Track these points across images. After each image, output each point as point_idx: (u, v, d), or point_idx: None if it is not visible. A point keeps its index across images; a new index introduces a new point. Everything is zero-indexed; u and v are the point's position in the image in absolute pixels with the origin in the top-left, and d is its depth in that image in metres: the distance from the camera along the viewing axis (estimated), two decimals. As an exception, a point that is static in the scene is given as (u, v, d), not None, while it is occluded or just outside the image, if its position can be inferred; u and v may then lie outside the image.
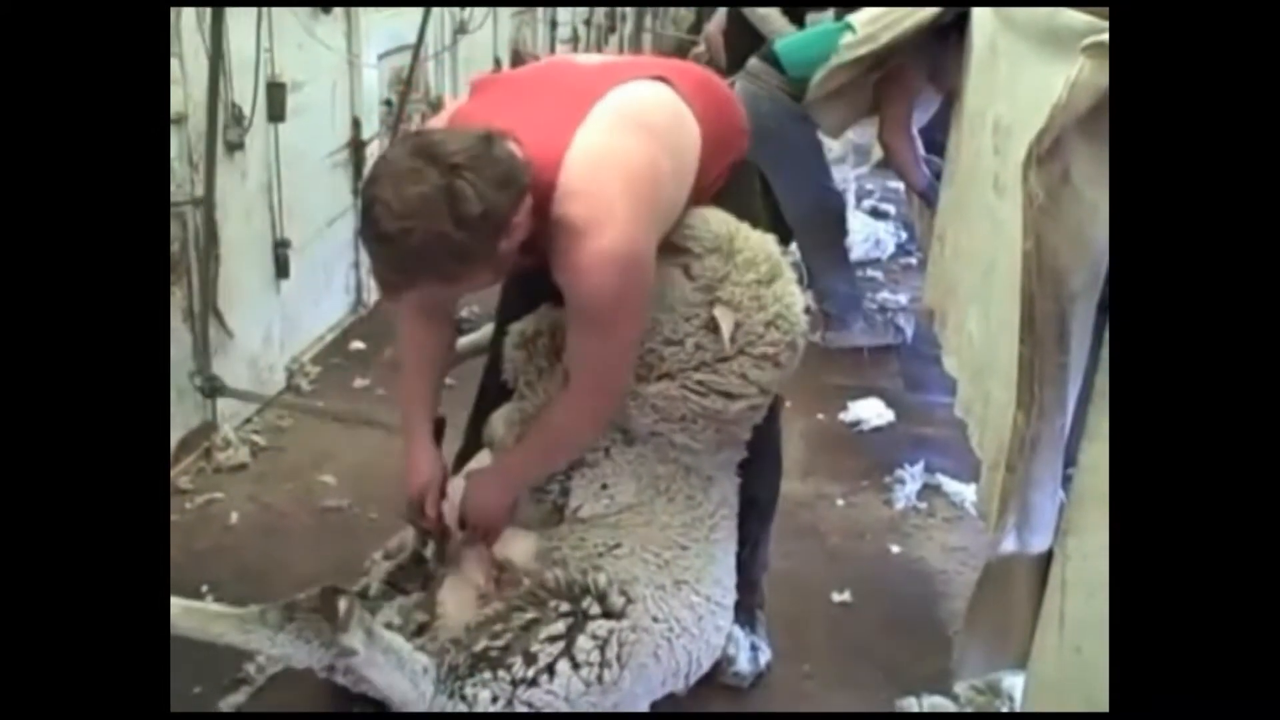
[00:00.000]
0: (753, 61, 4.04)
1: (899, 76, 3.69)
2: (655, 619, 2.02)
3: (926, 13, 3.34)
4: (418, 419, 2.16)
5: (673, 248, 2.02)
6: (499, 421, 2.25)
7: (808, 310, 2.14)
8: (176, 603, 1.94)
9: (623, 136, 1.83)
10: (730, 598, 2.20)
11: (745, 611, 2.38)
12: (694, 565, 2.10)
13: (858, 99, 3.82)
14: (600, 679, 1.93)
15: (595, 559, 2.04)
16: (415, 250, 1.65)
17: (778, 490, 2.45)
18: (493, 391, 2.30)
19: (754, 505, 2.30)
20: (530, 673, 1.89)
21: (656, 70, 2.00)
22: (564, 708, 1.92)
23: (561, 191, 1.76)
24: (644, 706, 2.09)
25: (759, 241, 2.08)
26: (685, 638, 2.06)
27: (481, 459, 2.28)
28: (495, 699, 1.89)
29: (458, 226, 1.64)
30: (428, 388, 2.17)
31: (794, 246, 4.37)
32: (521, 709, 1.91)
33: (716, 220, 2.06)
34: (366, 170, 3.26)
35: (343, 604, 1.87)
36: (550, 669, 1.90)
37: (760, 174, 2.34)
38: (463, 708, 1.90)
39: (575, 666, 1.91)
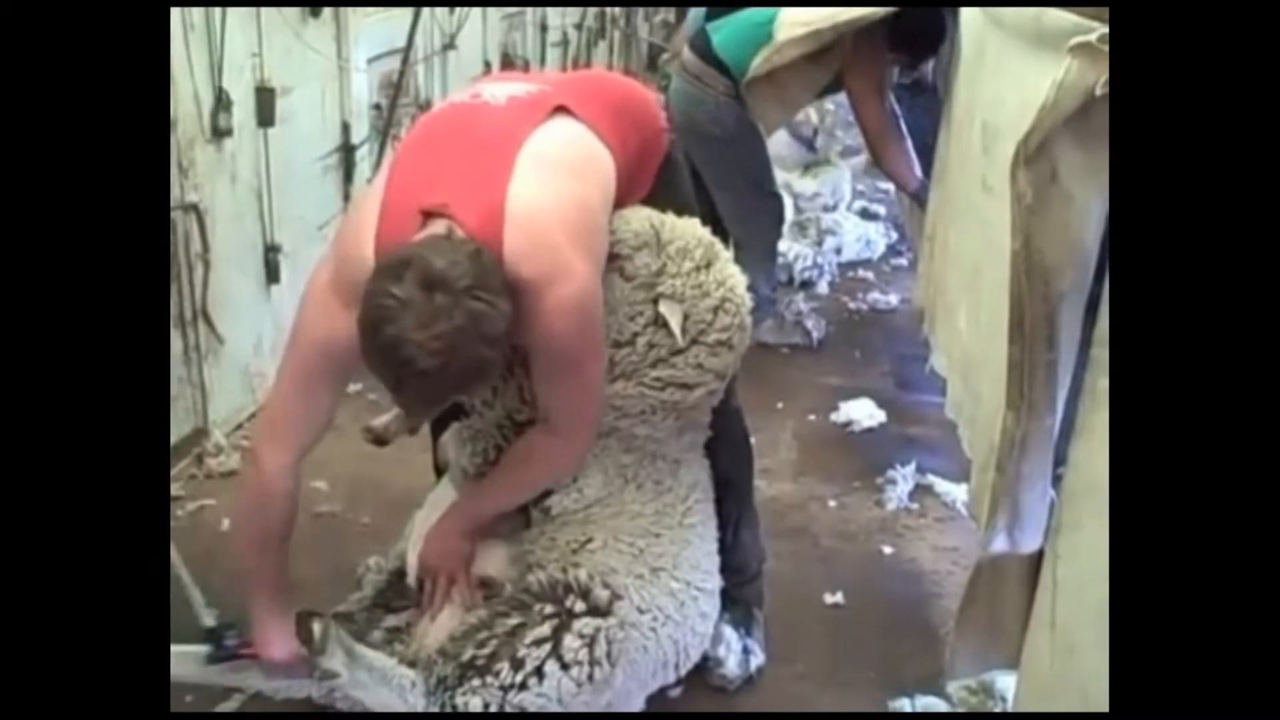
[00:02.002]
0: (690, 58, 3.83)
1: (858, 61, 3.55)
2: (640, 610, 2.02)
3: (874, 11, 3.25)
4: (267, 600, 1.98)
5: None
6: (450, 441, 2.24)
7: (749, 288, 2.13)
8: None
9: (553, 185, 1.84)
10: (712, 582, 2.19)
11: (741, 608, 2.38)
12: (669, 551, 2.10)
13: (795, 91, 3.67)
14: (591, 678, 1.92)
15: (570, 556, 2.04)
16: (454, 379, 1.69)
17: (750, 466, 2.44)
18: (445, 414, 2.28)
19: (727, 485, 2.31)
20: (519, 678, 1.89)
21: (563, 99, 1.96)
22: (557, 709, 1.92)
23: (511, 255, 1.76)
24: (638, 703, 2.09)
25: (687, 228, 2.07)
26: (669, 625, 2.06)
27: (443, 488, 2.27)
28: (486, 705, 1.89)
29: (490, 346, 1.68)
30: (276, 566, 1.99)
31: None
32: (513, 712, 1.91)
33: (637, 219, 2.05)
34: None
35: (317, 627, 1.86)
36: (539, 672, 1.90)
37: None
38: None
39: (564, 667, 1.91)
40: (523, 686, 1.89)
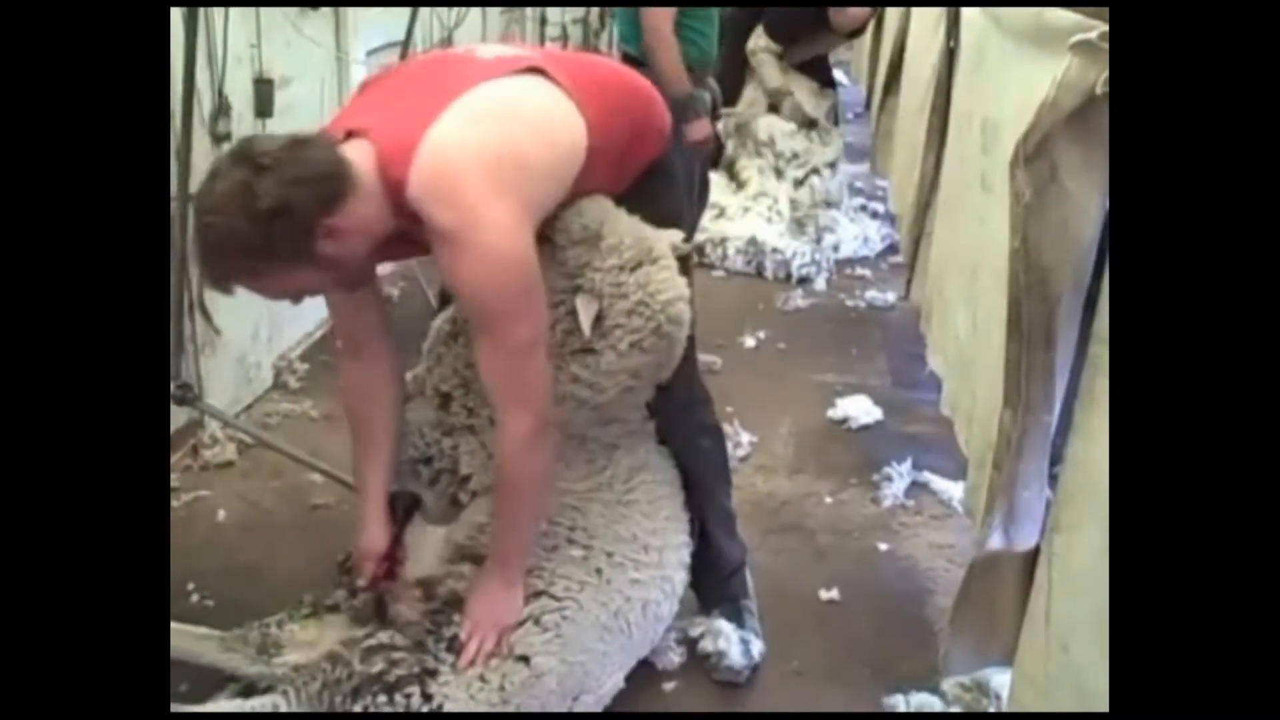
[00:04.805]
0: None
1: None
2: (536, 592, 2.01)
3: None
4: (368, 483, 2.13)
5: (542, 237, 1.95)
6: None
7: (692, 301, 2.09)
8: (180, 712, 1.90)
9: (475, 127, 1.80)
10: (650, 556, 2.15)
11: (729, 604, 2.39)
12: (592, 526, 2.09)
13: None
14: (502, 687, 1.92)
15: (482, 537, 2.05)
16: (216, 244, 1.71)
17: (712, 463, 2.40)
18: None
19: (687, 479, 2.29)
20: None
21: (542, 64, 1.94)
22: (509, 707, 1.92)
23: (417, 191, 1.74)
24: (608, 679, 2.08)
25: (629, 228, 2.02)
26: (588, 590, 2.04)
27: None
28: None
29: (250, 221, 1.66)
30: (375, 451, 2.13)
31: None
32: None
33: (591, 212, 2.00)
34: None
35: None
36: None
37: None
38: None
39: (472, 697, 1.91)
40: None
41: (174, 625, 1.99)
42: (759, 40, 5.51)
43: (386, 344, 2.12)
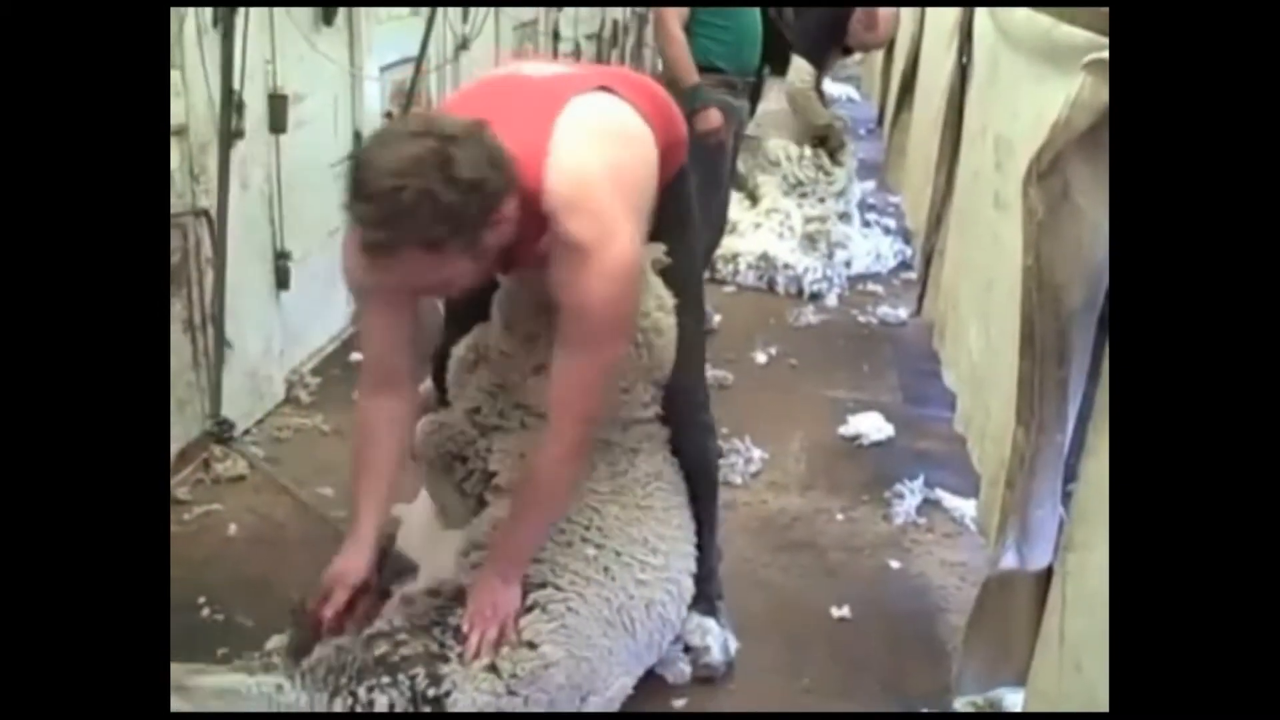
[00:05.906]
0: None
1: None
2: (539, 585, 2.02)
3: None
4: (362, 509, 2.10)
5: None
6: (418, 433, 2.30)
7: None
8: (177, 668, 1.86)
9: (600, 146, 1.84)
10: (658, 559, 2.18)
11: (705, 601, 2.40)
12: (608, 526, 2.12)
13: None
14: (515, 675, 1.91)
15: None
16: (405, 207, 1.63)
17: (713, 463, 2.46)
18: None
19: (695, 478, 2.32)
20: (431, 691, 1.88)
21: (604, 80, 1.98)
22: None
23: (555, 202, 1.77)
24: (614, 679, 2.07)
25: None
26: (593, 586, 2.06)
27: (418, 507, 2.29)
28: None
29: (448, 186, 1.63)
30: (376, 482, 2.10)
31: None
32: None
33: None
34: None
35: None
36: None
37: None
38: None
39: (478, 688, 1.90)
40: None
41: (174, 665, 1.88)
42: None
43: (414, 382, 2.14)
